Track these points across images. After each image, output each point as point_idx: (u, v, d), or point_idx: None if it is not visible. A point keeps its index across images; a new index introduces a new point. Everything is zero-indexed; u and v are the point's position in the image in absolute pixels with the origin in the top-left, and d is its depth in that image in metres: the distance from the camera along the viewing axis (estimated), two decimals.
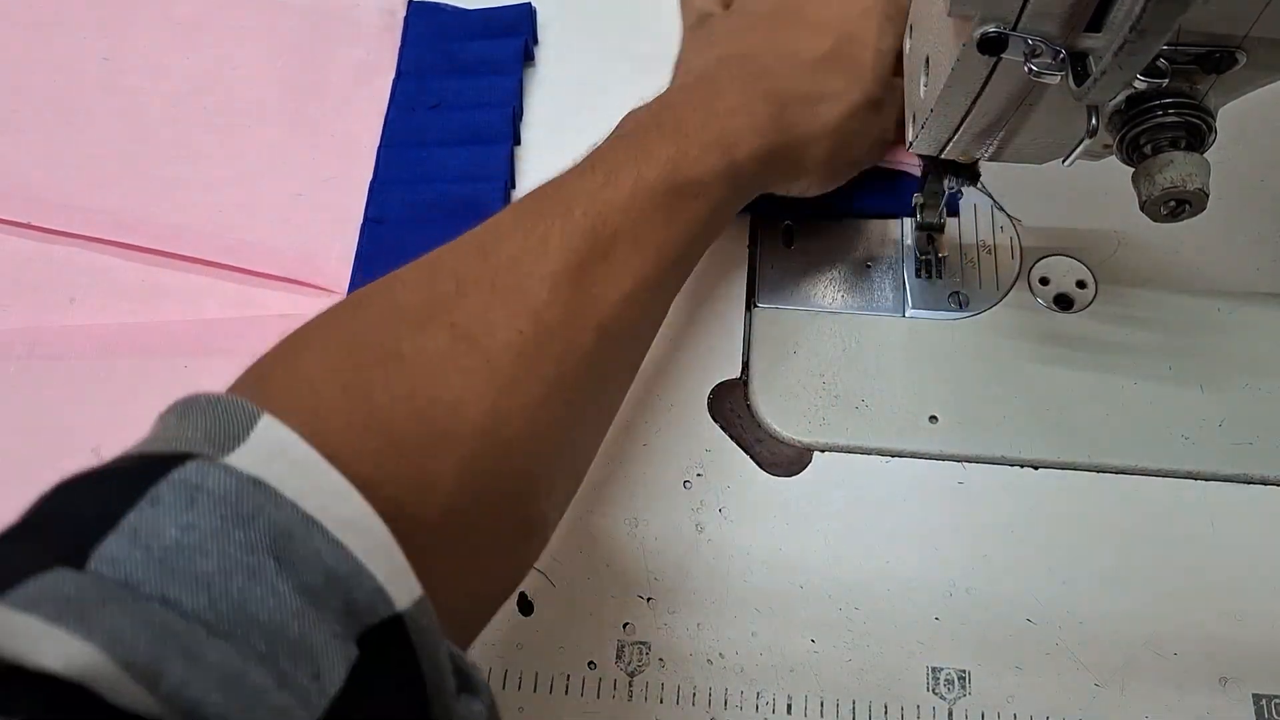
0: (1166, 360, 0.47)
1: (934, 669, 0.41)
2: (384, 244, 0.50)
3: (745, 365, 0.48)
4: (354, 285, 0.49)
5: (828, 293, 0.49)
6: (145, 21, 0.58)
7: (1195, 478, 0.45)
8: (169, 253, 0.49)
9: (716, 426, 0.46)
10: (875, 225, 0.51)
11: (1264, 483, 0.44)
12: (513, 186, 0.52)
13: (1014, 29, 0.32)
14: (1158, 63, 0.33)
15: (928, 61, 0.39)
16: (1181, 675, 0.41)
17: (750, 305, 0.49)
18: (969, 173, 0.44)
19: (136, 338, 0.47)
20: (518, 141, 0.54)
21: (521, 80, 0.55)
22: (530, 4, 0.57)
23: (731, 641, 0.42)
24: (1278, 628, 0.41)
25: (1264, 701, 0.40)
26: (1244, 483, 0.44)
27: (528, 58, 0.56)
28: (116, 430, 0.44)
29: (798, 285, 0.50)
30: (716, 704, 0.40)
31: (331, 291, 0.49)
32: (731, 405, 0.47)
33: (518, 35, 0.56)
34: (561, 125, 0.55)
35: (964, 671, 0.41)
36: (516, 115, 0.54)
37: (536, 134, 0.54)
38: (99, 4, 0.58)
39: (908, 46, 0.44)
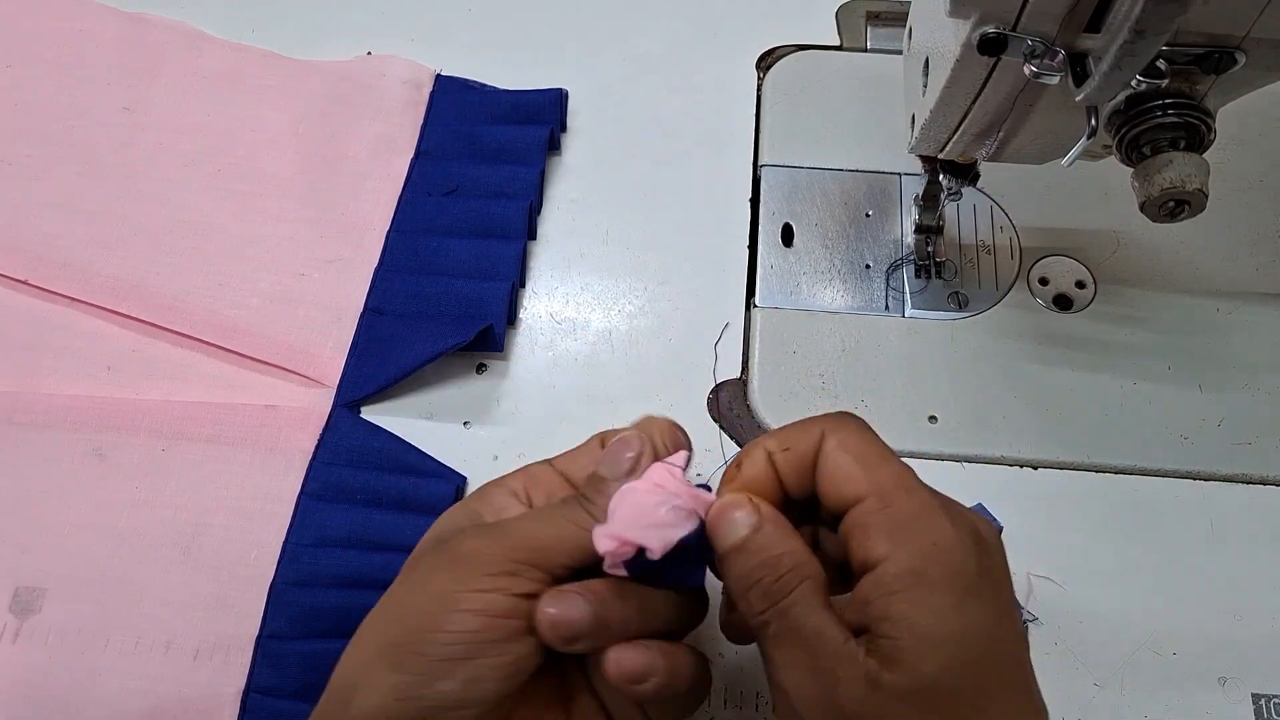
0: (1166, 360, 0.47)
1: None
2: (381, 335, 0.48)
3: (745, 365, 0.48)
4: (345, 377, 0.47)
5: (828, 293, 0.49)
6: (171, 72, 0.56)
7: (1195, 478, 0.45)
8: (162, 326, 0.48)
9: (716, 426, 0.46)
10: (875, 224, 0.51)
11: (1263, 483, 0.45)
12: (522, 285, 0.50)
13: (1014, 29, 0.32)
14: (1157, 63, 0.33)
15: (927, 62, 0.39)
16: (1181, 675, 0.41)
17: (750, 305, 0.49)
18: (968, 173, 0.44)
19: (118, 414, 0.46)
20: (533, 236, 0.51)
21: (544, 170, 0.53)
22: (563, 90, 0.55)
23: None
24: (1277, 628, 0.42)
25: (1263, 701, 0.40)
26: (1244, 483, 0.45)
27: (554, 146, 0.54)
28: (92, 509, 0.44)
29: (798, 285, 0.50)
30: (716, 704, 0.40)
31: (322, 384, 0.46)
32: (731, 405, 0.47)
33: (544, 124, 0.53)
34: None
35: None
36: (534, 210, 0.51)
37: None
38: (127, 50, 0.57)
39: (907, 48, 0.44)
